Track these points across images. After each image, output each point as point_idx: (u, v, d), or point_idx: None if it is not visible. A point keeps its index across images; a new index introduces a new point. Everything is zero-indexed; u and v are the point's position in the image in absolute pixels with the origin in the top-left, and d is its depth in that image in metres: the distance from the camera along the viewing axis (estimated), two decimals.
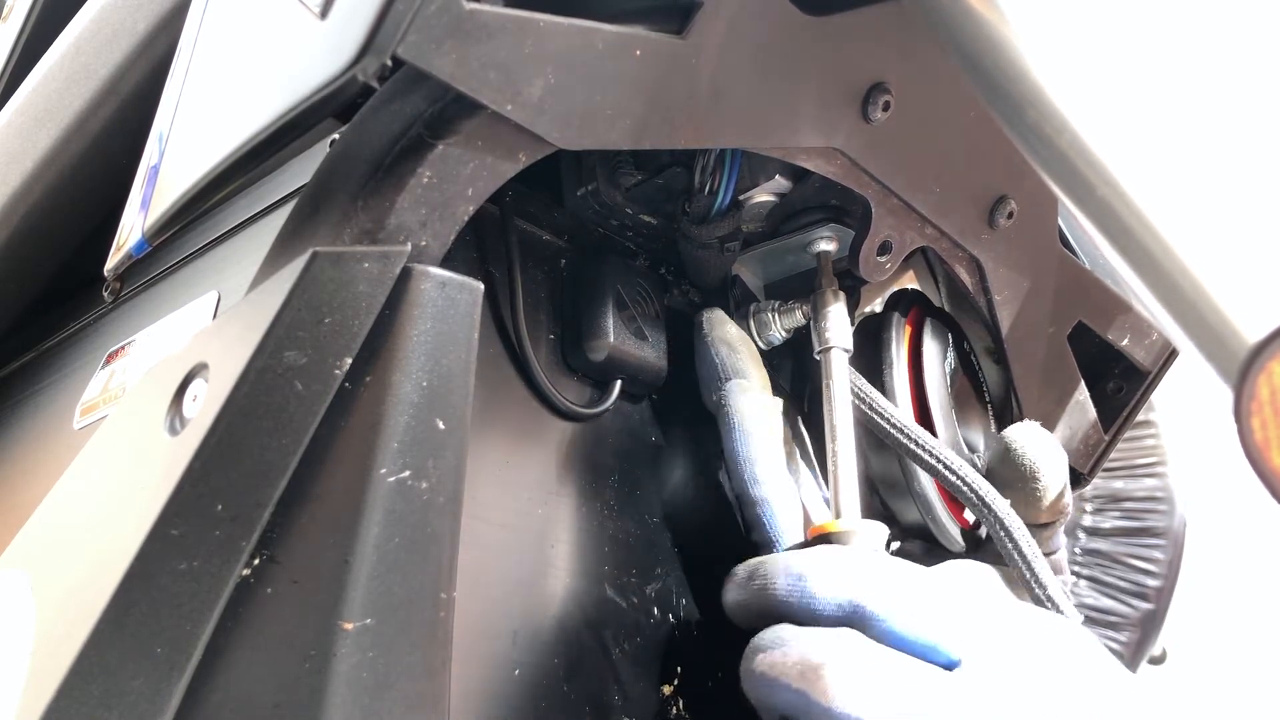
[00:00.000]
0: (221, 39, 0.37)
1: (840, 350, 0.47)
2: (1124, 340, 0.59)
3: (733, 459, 0.45)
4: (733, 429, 0.46)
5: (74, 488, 0.34)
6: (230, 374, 0.27)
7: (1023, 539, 0.45)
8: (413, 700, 0.28)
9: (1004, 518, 0.46)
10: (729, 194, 0.47)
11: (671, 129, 0.36)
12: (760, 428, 0.46)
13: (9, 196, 0.55)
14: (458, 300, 0.31)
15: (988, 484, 0.46)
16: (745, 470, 0.45)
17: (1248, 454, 0.23)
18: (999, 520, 0.46)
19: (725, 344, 0.48)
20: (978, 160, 0.47)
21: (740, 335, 0.50)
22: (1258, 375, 0.23)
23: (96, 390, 0.49)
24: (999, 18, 0.30)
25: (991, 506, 0.46)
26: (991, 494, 0.46)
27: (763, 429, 0.46)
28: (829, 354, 0.47)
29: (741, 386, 0.47)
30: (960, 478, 0.46)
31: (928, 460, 0.46)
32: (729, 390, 0.47)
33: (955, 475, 0.46)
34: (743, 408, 0.46)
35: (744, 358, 0.48)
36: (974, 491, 0.46)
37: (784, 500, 0.45)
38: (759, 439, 0.45)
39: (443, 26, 0.28)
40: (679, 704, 0.45)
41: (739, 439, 0.45)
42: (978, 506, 0.46)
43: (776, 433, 0.47)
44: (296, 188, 0.42)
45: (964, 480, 0.46)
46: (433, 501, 0.29)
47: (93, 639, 0.26)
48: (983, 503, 0.46)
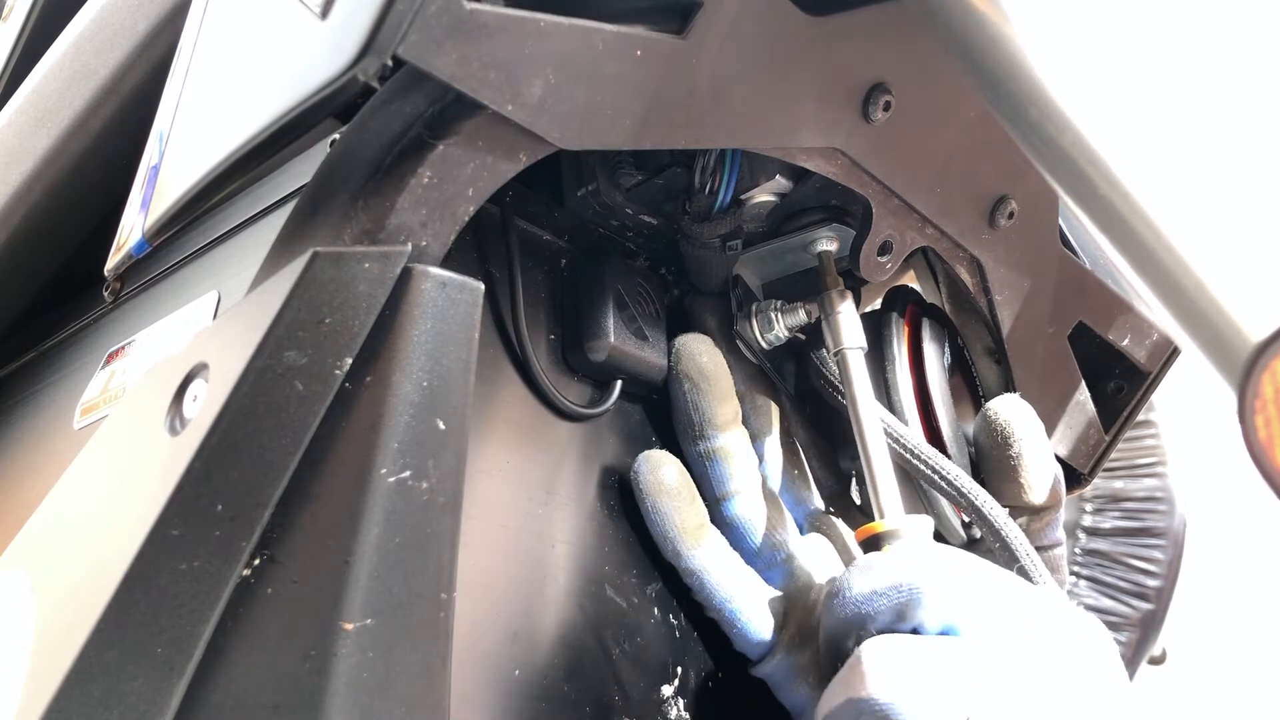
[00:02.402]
0: (222, 39, 0.37)
1: (856, 350, 0.47)
2: (1124, 340, 0.59)
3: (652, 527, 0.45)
4: (641, 500, 0.45)
5: (74, 488, 0.34)
6: (230, 374, 0.27)
7: (1018, 544, 0.45)
8: (413, 700, 0.28)
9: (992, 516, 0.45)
10: (729, 194, 0.47)
11: (672, 129, 0.36)
12: (676, 499, 0.44)
13: (9, 196, 0.55)
14: (458, 300, 0.31)
15: (985, 492, 0.46)
16: (666, 546, 0.44)
17: (1251, 453, 0.23)
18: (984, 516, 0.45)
19: (689, 379, 0.47)
20: (978, 160, 0.47)
21: (713, 364, 0.47)
22: (1262, 374, 0.23)
23: (96, 390, 0.49)
24: (1000, 16, 0.30)
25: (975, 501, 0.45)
26: (980, 494, 0.46)
27: (676, 500, 0.44)
28: (845, 355, 0.47)
29: (656, 461, 0.45)
30: (955, 485, 0.46)
31: (921, 468, 0.47)
32: (641, 467, 0.45)
33: (947, 481, 0.46)
34: (653, 480, 0.45)
35: (710, 397, 0.47)
36: (955, 486, 0.46)
37: (718, 560, 0.44)
38: (670, 509, 0.44)
39: (443, 26, 0.28)
40: (679, 704, 0.45)
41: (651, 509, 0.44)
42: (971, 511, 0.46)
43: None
44: (297, 188, 0.42)
45: (958, 487, 0.46)
46: (433, 501, 0.29)
47: (93, 639, 0.26)
48: (964, 496, 0.46)
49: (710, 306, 0.52)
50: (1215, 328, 0.26)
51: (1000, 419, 0.49)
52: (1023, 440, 0.48)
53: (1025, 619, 0.38)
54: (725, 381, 0.47)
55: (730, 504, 0.46)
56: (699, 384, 0.46)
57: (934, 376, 0.52)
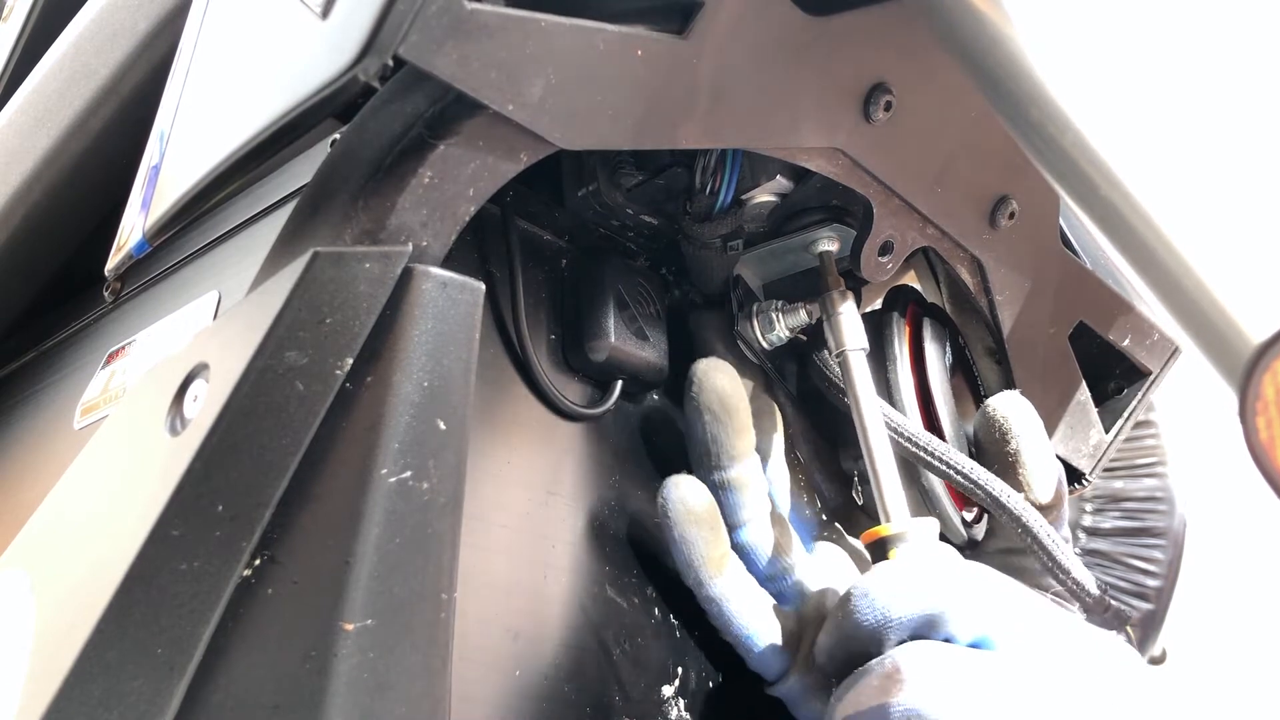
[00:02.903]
0: (222, 39, 0.37)
1: (859, 352, 0.47)
2: (1125, 340, 0.59)
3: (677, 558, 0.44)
4: (669, 527, 0.44)
5: (74, 488, 0.34)
6: (231, 374, 0.27)
7: (1041, 529, 0.45)
8: (413, 700, 0.28)
9: (1019, 511, 0.45)
10: (730, 194, 0.47)
11: (672, 129, 0.36)
12: (704, 529, 0.44)
13: (9, 196, 0.55)
14: (459, 300, 0.31)
15: (1000, 481, 0.46)
16: (690, 574, 0.44)
17: (1253, 454, 0.23)
18: (1011, 512, 0.45)
19: (710, 411, 0.45)
20: (979, 160, 0.47)
21: (735, 396, 0.46)
22: (1263, 375, 0.23)
23: (97, 390, 0.49)
24: (1001, 16, 0.30)
25: (1002, 500, 0.45)
26: (1004, 490, 0.46)
27: (703, 529, 0.44)
28: (847, 356, 0.47)
29: (685, 487, 0.44)
30: (972, 479, 0.46)
31: (934, 464, 0.46)
32: (670, 493, 0.44)
33: (965, 477, 0.46)
34: (683, 509, 0.44)
35: (730, 430, 0.46)
36: (984, 488, 0.46)
37: (737, 589, 0.44)
38: (697, 538, 0.44)
39: (444, 26, 0.28)
40: (679, 704, 0.45)
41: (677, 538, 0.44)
42: (990, 502, 0.46)
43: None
44: (297, 188, 0.42)
45: (975, 480, 0.46)
46: (433, 502, 0.29)
47: (93, 639, 0.26)
48: (992, 498, 0.46)
49: (715, 326, 0.52)
50: (1216, 328, 0.26)
51: (999, 415, 0.49)
52: (1021, 436, 0.48)
53: (1057, 636, 0.37)
54: (745, 414, 0.46)
55: (741, 531, 0.46)
56: (720, 416, 0.45)
57: (935, 376, 0.52)
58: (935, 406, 0.51)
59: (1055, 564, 0.45)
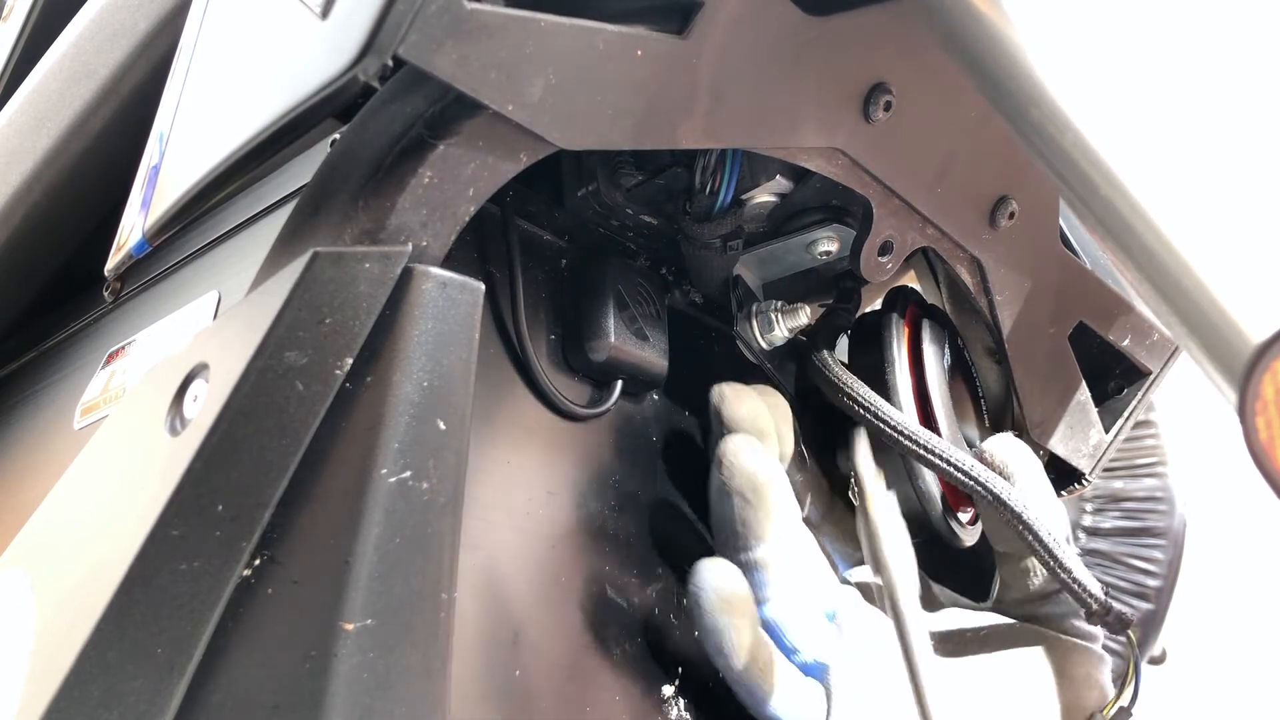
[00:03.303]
0: (222, 39, 0.37)
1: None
2: (1125, 340, 0.59)
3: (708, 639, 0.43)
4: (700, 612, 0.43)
5: (74, 488, 0.34)
6: (231, 374, 0.27)
7: (1041, 528, 0.45)
8: (413, 700, 0.28)
9: (1019, 510, 0.45)
10: (730, 194, 0.47)
11: (672, 129, 0.36)
12: (738, 617, 0.43)
13: (9, 196, 0.55)
14: (459, 300, 0.31)
15: (1001, 480, 0.46)
16: (720, 660, 0.43)
17: (1252, 454, 0.23)
18: (1013, 510, 0.45)
19: (740, 495, 0.44)
20: (979, 160, 0.47)
21: (766, 476, 0.45)
22: (1263, 375, 0.23)
23: (97, 390, 0.49)
24: (1001, 16, 0.30)
25: (1003, 498, 0.45)
26: (1005, 488, 0.46)
27: (735, 617, 0.43)
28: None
29: (718, 573, 0.43)
30: (973, 477, 0.46)
31: (934, 461, 0.46)
32: (704, 581, 0.43)
33: (967, 475, 0.46)
34: (717, 599, 0.43)
35: (760, 512, 0.44)
36: (986, 488, 0.46)
37: (766, 672, 0.43)
38: (730, 626, 0.43)
39: (444, 26, 0.28)
40: (679, 704, 0.45)
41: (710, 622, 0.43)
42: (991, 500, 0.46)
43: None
44: (297, 188, 0.42)
45: (975, 477, 0.46)
46: (433, 502, 0.29)
47: (93, 639, 0.26)
48: (994, 495, 0.46)
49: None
50: (1216, 329, 0.26)
51: (996, 460, 0.49)
52: (1018, 477, 0.48)
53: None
54: (775, 493, 0.45)
55: (766, 607, 0.45)
56: (749, 499, 0.44)
57: (934, 378, 0.52)
58: (933, 409, 0.51)
59: (1057, 564, 0.45)
